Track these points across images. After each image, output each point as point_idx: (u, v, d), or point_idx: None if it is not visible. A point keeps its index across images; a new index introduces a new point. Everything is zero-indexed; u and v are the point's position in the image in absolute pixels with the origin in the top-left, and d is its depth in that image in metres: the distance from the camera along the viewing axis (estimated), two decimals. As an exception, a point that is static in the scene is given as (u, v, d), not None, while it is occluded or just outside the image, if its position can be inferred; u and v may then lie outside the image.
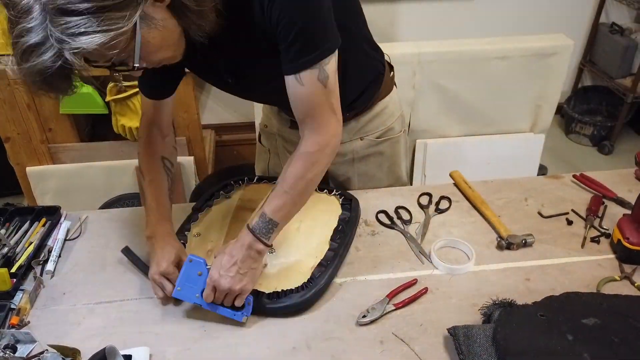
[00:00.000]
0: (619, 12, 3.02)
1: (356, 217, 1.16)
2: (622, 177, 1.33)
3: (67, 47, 0.68)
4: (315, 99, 0.90)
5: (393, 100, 1.27)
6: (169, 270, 0.97)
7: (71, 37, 0.68)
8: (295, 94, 0.91)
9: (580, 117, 3.02)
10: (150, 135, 1.11)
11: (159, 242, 1.01)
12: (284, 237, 1.08)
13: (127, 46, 0.74)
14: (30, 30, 0.68)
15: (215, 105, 2.96)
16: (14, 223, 1.18)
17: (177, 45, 0.84)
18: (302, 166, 0.93)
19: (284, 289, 0.98)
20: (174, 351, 0.90)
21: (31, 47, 0.69)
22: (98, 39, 0.68)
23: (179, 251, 1.01)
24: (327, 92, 0.90)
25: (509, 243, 1.10)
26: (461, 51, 2.17)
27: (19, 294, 0.99)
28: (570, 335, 0.83)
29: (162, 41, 0.80)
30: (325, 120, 0.93)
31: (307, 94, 0.90)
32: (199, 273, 0.94)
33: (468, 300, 0.99)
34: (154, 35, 0.78)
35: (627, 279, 1.03)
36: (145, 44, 0.77)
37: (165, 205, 1.07)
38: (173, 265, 0.98)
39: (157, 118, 1.11)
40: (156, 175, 1.09)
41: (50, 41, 0.68)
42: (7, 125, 1.99)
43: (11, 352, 0.88)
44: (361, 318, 0.93)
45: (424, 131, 2.37)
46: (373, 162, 1.30)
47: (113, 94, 1.89)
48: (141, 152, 1.11)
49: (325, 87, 0.90)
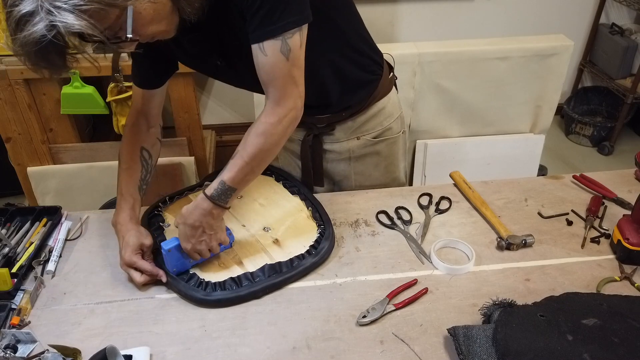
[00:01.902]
0: (619, 13, 3.02)
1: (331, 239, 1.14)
2: (622, 178, 1.33)
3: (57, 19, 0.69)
4: (277, 69, 0.91)
5: (392, 102, 1.27)
6: (132, 260, 1.00)
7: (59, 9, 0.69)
8: (259, 64, 0.92)
9: (580, 118, 3.02)
10: (136, 124, 1.14)
11: (121, 229, 1.05)
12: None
13: (118, 18, 0.75)
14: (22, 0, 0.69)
15: (216, 105, 2.96)
16: (15, 223, 1.18)
17: (169, 19, 0.85)
18: (263, 137, 0.95)
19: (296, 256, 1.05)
20: (174, 351, 0.90)
21: (25, 17, 0.70)
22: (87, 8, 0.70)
23: (140, 236, 1.04)
24: (289, 65, 0.91)
25: (509, 243, 1.10)
26: (461, 52, 2.17)
27: (20, 294, 1.00)
28: (570, 335, 0.83)
29: (154, 13, 0.81)
30: (288, 92, 0.94)
31: (270, 63, 0.91)
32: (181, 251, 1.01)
33: (468, 300, 0.99)
34: (145, 7, 0.79)
35: (627, 280, 1.03)
36: (137, 15, 0.78)
37: (132, 194, 1.10)
38: (135, 254, 1.01)
39: (145, 107, 1.14)
40: (131, 164, 1.12)
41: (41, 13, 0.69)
42: (8, 126, 1.99)
43: (12, 352, 0.88)
44: (361, 318, 0.94)
45: (424, 132, 2.37)
46: (369, 162, 1.31)
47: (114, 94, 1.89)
48: (123, 139, 1.14)
49: (287, 59, 0.91)
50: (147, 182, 1.15)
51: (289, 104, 0.95)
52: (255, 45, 0.90)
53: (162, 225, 1.15)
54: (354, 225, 1.18)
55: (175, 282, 1.00)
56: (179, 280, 1.00)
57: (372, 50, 1.20)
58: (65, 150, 2.10)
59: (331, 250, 1.10)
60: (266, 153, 0.96)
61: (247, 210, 1.19)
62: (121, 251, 1.02)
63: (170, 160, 2.12)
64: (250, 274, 1.01)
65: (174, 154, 2.15)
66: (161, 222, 1.16)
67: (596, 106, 3.18)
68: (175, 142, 2.13)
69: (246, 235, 1.12)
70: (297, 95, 0.96)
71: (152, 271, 1.00)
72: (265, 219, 1.16)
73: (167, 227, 1.15)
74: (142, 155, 1.13)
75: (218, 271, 1.04)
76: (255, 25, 0.89)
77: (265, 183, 1.29)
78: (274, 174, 1.31)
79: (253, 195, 1.23)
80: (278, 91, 0.94)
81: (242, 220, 1.16)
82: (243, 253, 1.08)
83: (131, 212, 1.08)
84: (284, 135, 0.97)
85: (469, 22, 2.88)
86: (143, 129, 1.14)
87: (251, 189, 1.25)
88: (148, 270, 1.00)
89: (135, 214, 1.08)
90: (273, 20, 0.87)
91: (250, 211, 1.19)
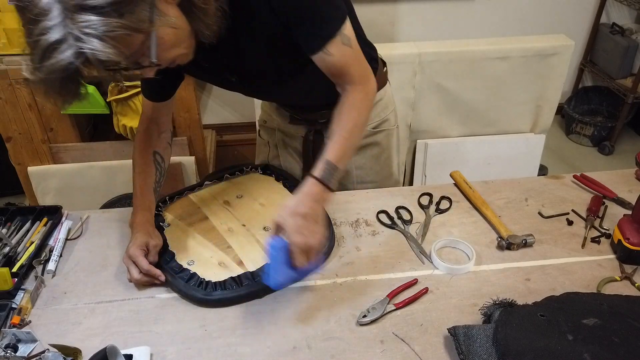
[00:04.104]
0: (620, 13, 3.02)
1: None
2: (623, 178, 1.33)
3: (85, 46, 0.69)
4: (347, 61, 0.96)
5: (388, 94, 1.32)
6: (134, 254, 1.00)
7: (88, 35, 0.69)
8: (327, 65, 0.96)
9: (580, 118, 3.02)
10: (147, 130, 1.15)
11: (135, 229, 1.05)
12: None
13: (142, 44, 0.76)
14: (51, 28, 0.69)
15: (216, 105, 2.96)
16: (16, 223, 1.18)
17: (188, 43, 0.86)
18: (357, 113, 0.99)
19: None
20: (175, 350, 0.90)
21: (53, 45, 0.70)
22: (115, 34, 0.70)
23: (148, 236, 1.04)
24: (354, 50, 0.97)
25: (509, 243, 1.10)
26: (462, 51, 2.17)
27: (20, 294, 1.00)
28: (570, 335, 0.83)
29: (175, 38, 0.82)
30: (361, 72, 1.00)
31: (338, 60, 0.95)
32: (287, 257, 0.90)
33: (468, 300, 0.99)
34: (167, 32, 0.79)
35: (627, 279, 1.03)
36: (160, 40, 0.78)
37: (147, 196, 1.11)
38: (138, 250, 1.01)
39: (155, 115, 1.16)
40: (145, 168, 1.13)
41: (70, 40, 0.69)
42: (8, 125, 1.99)
43: (12, 351, 0.88)
44: (362, 318, 0.94)
45: (424, 131, 2.37)
46: (369, 154, 1.34)
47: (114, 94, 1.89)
48: (136, 144, 1.15)
49: (351, 47, 0.96)
50: (161, 185, 1.17)
51: (367, 80, 1.01)
52: (318, 53, 0.94)
53: (162, 225, 1.15)
54: (354, 225, 1.18)
55: (176, 281, 1.00)
56: (179, 280, 1.00)
57: (367, 45, 1.22)
58: (66, 150, 2.11)
59: (331, 250, 1.10)
60: (361, 127, 1.00)
61: (247, 210, 1.19)
62: (127, 247, 1.03)
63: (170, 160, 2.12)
64: (250, 273, 1.01)
65: (174, 153, 2.15)
66: (161, 222, 1.16)
67: (597, 106, 3.18)
68: (175, 141, 2.13)
69: (247, 235, 1.12)
70: (369, 70, 1.01)
71: (148, 270, 1.00)
72: (265, 218, 1.16)
73: (167, 227, 1.15)
74: (155, 159, 1.15)
75: (218, 271, 1.04)
76: (309, 34, 0.93)
77: (265, 183, 1.29)
78: (274, 173, 1.31)
79: (253, 195, 1.23)
80: (354, 74, 0.98)
81: (243, 220, 1.16)
82: (243, 253, 1.08)
83: (148, 214, 1.09)
84: (371, 107, 1.02)
85: (469, 22, 2.88)
86: (154, 135, 1.16)
87: (251, 189, 1.25)
88: (144, 268, 1.00)
89: (151, 216, 1.10)
90: (326, 24, 0.92)
91: (251, 211, 1.19)
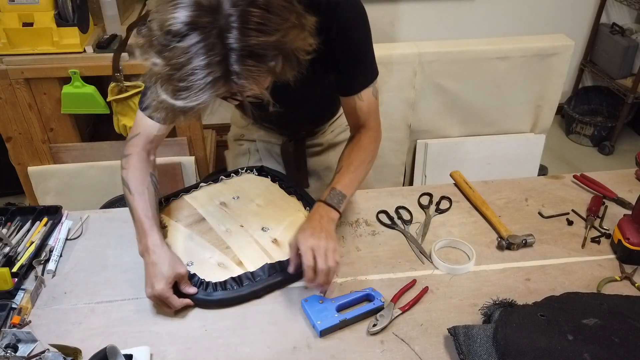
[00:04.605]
0: (620, 13, 3.02)
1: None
2: (623, 178, 1.33)
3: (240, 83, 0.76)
4: (372, 108, 1.13)
5: None
6: (164, 295, 0.94)
7: (250, 78, 0.76)
8: (354, 108, 1.12)
9: (580, 118, 3.02)
10: (142, 152, 1.11)
11: (150, 256, 0.97)
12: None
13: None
14: (210, 65, 0.73)
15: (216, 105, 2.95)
16: (16, 222, 1.18)
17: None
18: (364, 154, 1.13)
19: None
20: (175, 350, 0.91)
21: (210, 83, 0.74)
22: (264, 78, 0.80)
23: (175, 266, 0.97)
24: (377, 102, 1.14)
25: (509, 243, 1.10)
26: (462, 51, 2.17)
27: (20, 294, 1.00)
28: (570, 335, 0.83)
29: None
30: (377, 121, 1.16)
31: (366, 107, 1.11)
32: (320, 302, 0.96)
33: (468, 300, 0.99)
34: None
35: (627, 279, 1.03)
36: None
37: (153, 217, 1.04)
38: (168, 287, 0.95)
39: (155, 138, 1.12)
40: (144, 189, 1.07)
41: (230, 78, 0.75)
42: (8, 125, 1.99)
43: (12, 351, 0.88)
44: (372, 327, 0.92)
45: (424, 131, 2.37)
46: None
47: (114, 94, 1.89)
48: (131, 166, 1.09)
49: (376, 98, 1.13)
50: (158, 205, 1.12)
51: (379, 129, 1.16)
52: (352, 95, 1.10)
53: None
54: (354, 224, 1.18)
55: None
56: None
57: None
58: (66, 150, 2.10)
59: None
60: (367, 165, 1.13)
61: (245, 211, 1.18)
62: (152, 279, 0.94)
63: (170, 159, 2.12)
64: (251, 273, 1.01)
65: (174, 153, 2.14)
66: None
67: (597, 106, 3.17)
68: (175, 141, 2.13)
69: (245, 236, 1.12)
70: (380, 121, 1.17)
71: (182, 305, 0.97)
72: (263, 219, 1.16)
73: (163, 229, 1.14)
74: (152, 180, 1.11)
75: (217, 271, 1.04)
76: (353, 77, 1.08)
77: (261, 184, 1.28)
78: (269, 175, 1.31)
79: (250, 196, 1.23)
80: (372, 122, 1.14)
81: (240, 220, 1.16)
82: (242, 253, 1.07)
83: (160, 235, 1.02)
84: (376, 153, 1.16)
85: (470, 22, 2.88)
86: (150, 157, 1.13)
87: (248, 190, 1.25)
88: (177, 306, 0.96)
89: (162, 237, 1.03)
90: (368, 73, 1.09)
91: (248, 212, 1.18)
